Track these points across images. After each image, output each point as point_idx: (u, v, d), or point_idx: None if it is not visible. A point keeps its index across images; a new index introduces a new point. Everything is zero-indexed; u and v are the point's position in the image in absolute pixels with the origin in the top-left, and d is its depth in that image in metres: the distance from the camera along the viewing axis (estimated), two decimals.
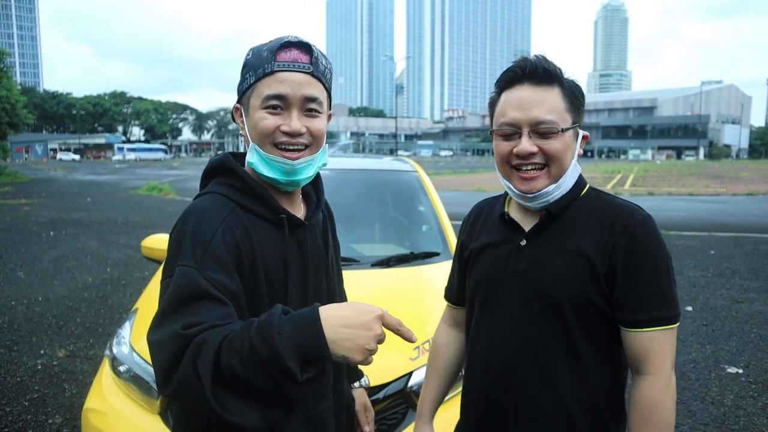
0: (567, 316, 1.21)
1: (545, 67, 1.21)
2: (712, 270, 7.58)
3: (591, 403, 1.23)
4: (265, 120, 1.15)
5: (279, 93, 1.14)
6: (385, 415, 1.94)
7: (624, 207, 1.24)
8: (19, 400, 3.67)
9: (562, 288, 1.20)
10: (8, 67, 31.81)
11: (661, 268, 1.18)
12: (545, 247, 1.25)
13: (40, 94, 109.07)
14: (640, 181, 28.26)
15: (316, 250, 1.28)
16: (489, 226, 1.38)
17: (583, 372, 1.22)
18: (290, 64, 1.14)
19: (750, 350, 4.60)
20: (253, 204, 1.17)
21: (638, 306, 1.17)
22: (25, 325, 5.17)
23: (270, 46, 1.17)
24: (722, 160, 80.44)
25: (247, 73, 1.18)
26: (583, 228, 1.23)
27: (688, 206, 16.42)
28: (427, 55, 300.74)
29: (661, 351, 1.18)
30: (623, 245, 1.18)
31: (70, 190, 22.28)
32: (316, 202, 1.33)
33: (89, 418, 2.14)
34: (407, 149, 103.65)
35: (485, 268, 1.34)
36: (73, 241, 9.76)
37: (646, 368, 1.19)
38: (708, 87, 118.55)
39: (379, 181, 3.77)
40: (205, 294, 1.00)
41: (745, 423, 3.38)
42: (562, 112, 1.21)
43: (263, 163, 1.17)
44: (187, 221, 1.11)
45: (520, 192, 1.24)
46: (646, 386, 1.18)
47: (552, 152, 1.20)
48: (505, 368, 1.28)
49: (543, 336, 1.23)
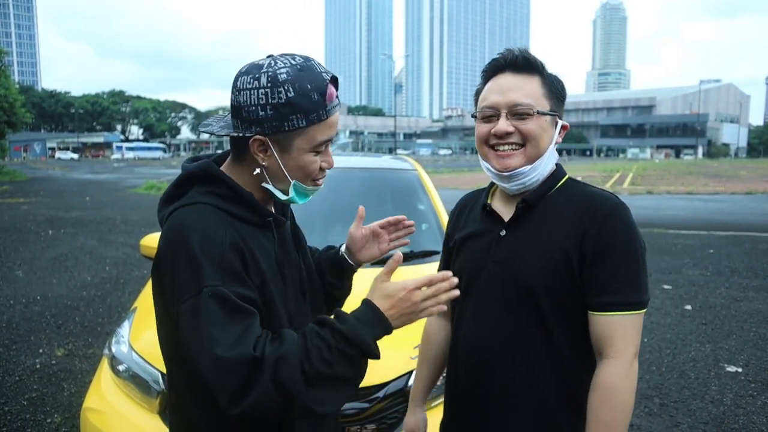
0: (543, 305, 1.24)
1: (526, 57, 1.29)
2: (711, 269, 7.58)
3: (566, 389, 1.26)
4: (314, 163, 1.19)
5: (330, 137, 1.19)
6: (385, 414, 1.94)
7: (597, 195, 1.28)
8: (18, 399, 3.67)
9: (538, 277, 1.24)
10: (6, 65, 31.78)
11: (629, 254, 1.21)
12: (522, 238, 1.29)
13: (39, 92, 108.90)
14: (639, 180, 28.27)
15: (291, 243, 1.34)
16: (473, 218, 1.43)
17: (558, 359, 1.26)
18: (335, 107, 1.18)
19: (749, 349, 4.60)
20: (241, 210, 1.18)
21: (603, 290, 1.20)
22: (24, 324, 5.16)
23: (314, 84, 1.13)
24: (721, 159, 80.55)
25: (293, 114, 1.12)
26: (558, 217, 1.27)
27: (686, 205, 16.44)
28: (426, 53, 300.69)
29: (624, 336, 1.20)
30: (593, 232, 1.21)
31: (68, 189, 22.26)
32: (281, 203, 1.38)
33: (88, 417, 2.13)
34: (406, 148, 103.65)
35: (467, 258, 1.39)
36: (71, 240, 9.75)
37: (608, 352, 1.20)
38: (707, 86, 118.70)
39: (378, 179, 3.76)
40: (242, 309, 1.06)
41: (744, 422, 3.38)
42: (539, 98, 1.27)
43: (300, 195, 1.23)
44: (191, 238, 1.09)
45: (496, 170, 1.29)
46: (607, 369, 1.20)
47: (527, 132, 1.26)
48: (483, 355, 1.32)
49: (520, 324, 1.27)
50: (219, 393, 1.02)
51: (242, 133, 1.15)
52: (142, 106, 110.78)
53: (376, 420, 1.92)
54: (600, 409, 1.19)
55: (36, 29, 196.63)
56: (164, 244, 1.13)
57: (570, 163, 58.00)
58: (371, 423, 1.92)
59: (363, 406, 1.91)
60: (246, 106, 1.13)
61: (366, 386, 1.92)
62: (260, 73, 1.12)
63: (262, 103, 1.12)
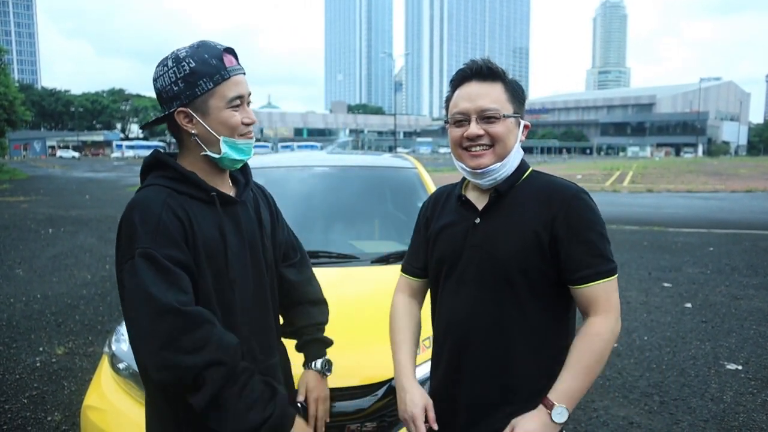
0: (517, 282, 1.40)
1: (489, 67, 1.45)
2: (711, 267, 7.58)
3: (541, 359, 1.42)
4: (234, 117, 1.37)
5: (240, 94, 1.37)
6: (385, 413, 1.94)
7: (560, 183, 1.46)
8: (18, 397, 3.67)
9: (512, 258, 1.40)
10: (6, 64, 31.77)
11: (595, 231, 1.39)
12: (496, 223, 1.45)
13: (38, 91, 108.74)
14: (639, 178, 28.27)
15: (250, 224, 1.48)
16: (448, 208, 1.57)
17: (531, 328, 1.42)
18: (236, 69, 1.37)
19: (749, 347, 4.60)
20: (187, 188, 1.36)
21: (582, 265, 1.37)
22: (24, 323, 5.16)
23: (211, 53, 1.34)
24: (721, 157, 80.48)
25: (200, 80, 1.32)
26: (526, 205, 1.44)
27: (686, 203, 16.44)
28: (426, 52, 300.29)
29: (607, 298, 1.38)
30: (561, 216, 1.38)
31: (68, 188, 22.26)
32: (245, 183, 1.53)
33: (88, 415, 2.13)
34: (406, 146, 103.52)
35: (446, 246, 1.52)
36: (71, 239, 9.75)
37: (595, 310, 1.38)
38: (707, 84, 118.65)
39: (378, 177, 3.76)
40: (171, 270, 1.23)
41: (744, 419, 3.38)
42: (504, 102, 1.44)
43: (235, 150, 1.40)
44: (133, 211, 1.29)
45: (470, 168, 1.45)
46: (596, 320, 1.37)
47: (495, 134, 1.42)
48: (465, 331, 1.47)
49: (496, 300, 1.42)
50: (154, 338, 1.19)
51: (166, 112, 1.37)
52: (141, 105, 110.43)
53: (375, 418, 1.92)
54: (583, 352, 1.35)
55: (36, 27, 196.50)
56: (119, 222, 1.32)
57: (570, 162, 57.99)
58: (371, 421, 1.92)
59: (362, 403, 1.91)
60: (162, 89, 1.35)
61: (366, 384, 1.92)
62: (165, 59, 1.36)
63: (173, 80, 1.33)
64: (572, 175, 25.08)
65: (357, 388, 1.90)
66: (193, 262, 1.30)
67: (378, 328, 1.73)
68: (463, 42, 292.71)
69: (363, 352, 2.08)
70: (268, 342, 1.49)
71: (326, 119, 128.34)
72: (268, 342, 1.49)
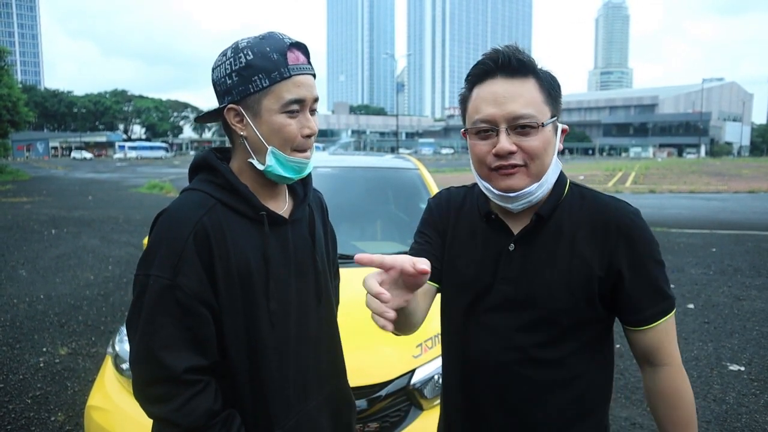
0: (561, 324, 1.17)
1: (518, 58, 1.13)
2: (713, 267, 7.57)
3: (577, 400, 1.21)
4: (290, 126, 1.18)
5: (299, 97, 1.17)
6: (387, 413, 1.95)
7: (613, 207, 1.19)
8: (22, 397, 3.68)
9: (558, 296, 1.16)
10: (9, 65, 31.82)
11: (657, 260, 1.18)
12: (537, 253, 1.19)
13: (41, 92, 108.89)
14: (642, 179, 28.22)
15: (302, 246, 1.30)
16: (469, 223, 1.29)
17: (569, 373, 1.20)
18: (301, 67, 1.18)
19: (752, 348, 4.59)
20: (234, 201, 1.20)
21: (647, 304, 1.16)
22: (27, 323, 5.17)
23: (274, 47, 1.17)
24: (723, 158, 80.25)
25: (255, 75, 1.15)
26: (574, 232, 1.18)
27: (689, 204, 16.40)
28: (428, 52, 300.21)
29: (671, 339, 1.20)
30: (623, 248, 1.15)
31: (71, 189, 22.29)
32: (303, 197, 1.34)
33: (92, 415, 2.14)
34: (408, 147, 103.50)
35: (470, 270, 1.25)
36: (74, 240, 9.77)
37: (660, 359, 1.20)
38: (709, 84, 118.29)
39: (380, 178, 3.77)
40: (181, 309, 1.11)
41: (747, 420, 3.38)
42: (540, 105, 1.13)
43: (281, 166, 1.20)
44: (162, 221, 1.17)
45: (500, 191, 1.16)
46: (667, 376, 1.20)
47: (532, 150, 1.12)
48: (492, 372, 1.23)
49: (534, 343, 1.19)
50: (138, 377, 1.14)
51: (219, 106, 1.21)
52: (144, 106, 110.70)
53: (378, 418, 1.93)
54: (674, 413, 1.19)
55: (39, 29, 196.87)
56: None
57: (572, 162, 57.95)
58: (373, 421, 1.92)
59: (365, 404, 1.91)
60: (216, 80, 1.21)
61: (368, 385, 1.92)
62: (226, 49, 1.20)
63: (228, 72, 1.18)
64: (575, 176, 25.04)
65: (359, 389, 1.90)
66: (224, 292, 1.16)
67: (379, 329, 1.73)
68: (465, 43, 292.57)
69: (365, 353, 2.08)
70: (310, 381, 1.29)
71: (328, 120, 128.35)
72: (310, 381, 1.29)
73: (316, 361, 1.31)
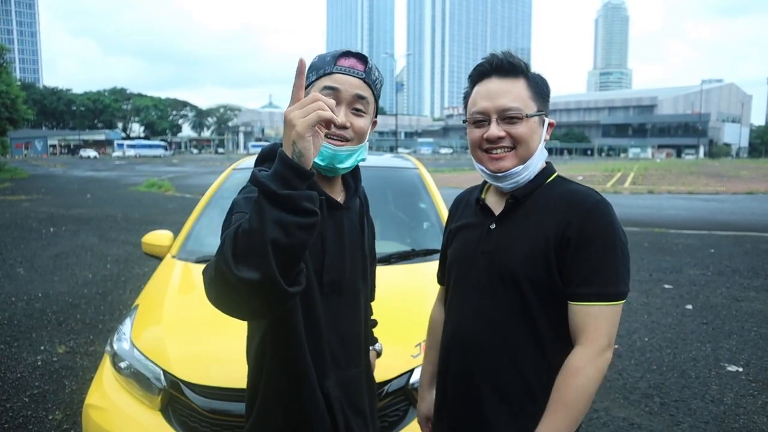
0: (527, 294, 1.30)
1: (510, 61, 1.35)
2: (712, 268, 7.57)
3: (549, 377, 1.28)
4: None
5: (332, 85, 1.28)
6: (386, 413, 1.94)
7: (582, 191, 1.34)
8: (19, 395, 3.67)
9: (522, 267, 1.30)
10: (8, 62, 31.77)
11: (608, 246, 1.25)
12: (510, 230, 1.36)
13: (40, 90, 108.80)
14: (640, 180, 28.24)
15: (353, 231, 1.43)
16: (468, 211, 1.53)
17: (541, 346, 1.31)
18: (347, 69, 1.30)
19: (750, 349, 4.60)
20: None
21: (582, 281, 1.25)
22: (25, 321, 5.17)
23: (334, 53, 1.33)
24: (722, 159, 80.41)
25: (309, 73, 1.32)
26: (544, 212, 1.33)
27: (687, 205, 16.42)
28: (427, 52, 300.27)
29: (597, 327, 1.24)
30: (576, 223, 1.27)
31: (69, 187, 22.27)
32: (354, 189, 1.47)
33: (90, 414, 2.14)
34: (407, 147, 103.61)
35: (458, 248, 1.48)
36: (72, 238, 9.75)
37: (581, 339, 1.25)
38: (708, 86, 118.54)
39: (380, 178, 3.76)
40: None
41: (744, 421, 3.38)
42: (527, 100, 1.33)
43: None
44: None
45: (491, 172, 1.37)
46: (576, 354, 1.25)
47: (518, 135, 1.33)
48: (470, 342, 1.38)
49: (505, 312, 1.33)
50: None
51: None
52: (143, 104, 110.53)
53: (378, 417, 1.92)
54: (563, 389, 1.23)
55: (38, 26, 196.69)
56: None
57: (571, 163, 57.97)
58: None
59: None
60: None
61: None
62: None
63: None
64: (573, 176, 24.84)
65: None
66: None
67: (380, 328, 1.73)
68: (465, 43, 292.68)
69: None
70: (354, 350, 1.44)
71: None
72: (354, 350, 1.44)
73: (358, 334, 1.46)
